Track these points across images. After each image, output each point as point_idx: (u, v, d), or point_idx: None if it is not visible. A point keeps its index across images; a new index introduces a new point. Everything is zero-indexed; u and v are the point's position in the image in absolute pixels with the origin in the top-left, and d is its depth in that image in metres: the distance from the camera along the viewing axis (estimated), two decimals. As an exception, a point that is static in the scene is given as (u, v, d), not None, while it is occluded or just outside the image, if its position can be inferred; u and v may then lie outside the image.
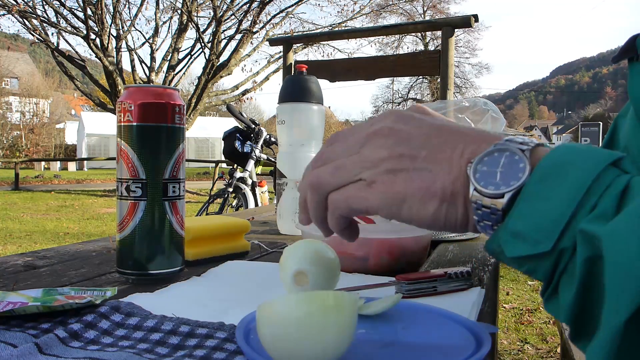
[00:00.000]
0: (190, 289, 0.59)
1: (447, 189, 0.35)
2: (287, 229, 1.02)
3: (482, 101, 1.07)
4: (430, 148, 0.36)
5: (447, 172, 0.35)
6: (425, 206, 0.36)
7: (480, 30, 30.90)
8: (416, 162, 0.36)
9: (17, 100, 28.40)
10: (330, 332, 0.34)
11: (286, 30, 11.69)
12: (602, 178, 0.30)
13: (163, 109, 0.61)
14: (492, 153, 0.34)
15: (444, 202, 0.35)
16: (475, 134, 0.37)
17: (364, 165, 0.37)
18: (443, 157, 0.36)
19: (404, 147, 0.37)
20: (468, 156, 0.35)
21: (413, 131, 0.37)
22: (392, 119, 0.39)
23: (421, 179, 0.36)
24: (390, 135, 0.37)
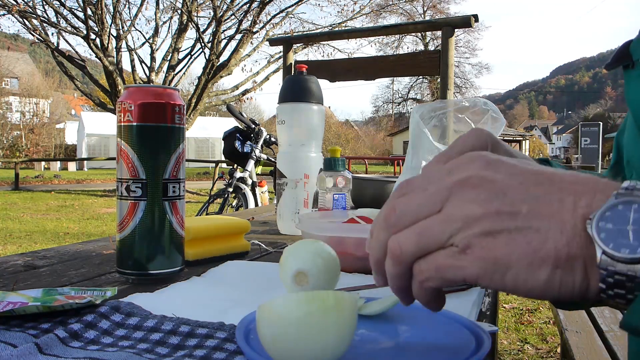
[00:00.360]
0: (190, 289, 0.59)
1: (562, 253, 0.29)
2: (287, 229, 1.02)
3: (482, 101, 1.07)
4: (533, 202, 0.30)
5: (558, 231, 0.29)
6: (535, 274, 0.29)
7: (480, 30, 30.93)
8: (517, 219, 0.30)
9: (17, 100, 28.41)
10: (330, 332, 0.34)
11: (286, 30, 11.70)
12: None
13: (163, 109, 0.61)
14: (616, 206, 0.28)
15: (558, 268, 0.29)
16: (584, 181, 0.30)
17: (453, 227, 0.31)
18: (550, 213, 0.29)
19: (500, 201, 0.30)
20: (583, 211, 0.29)
21: (507, 181, 0.31)
22: (479, 165, 0.32)
23: (527, 241, 0.29)
24: (480, 187, 0.31)
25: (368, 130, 40.66)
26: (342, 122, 37.81)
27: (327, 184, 0.97)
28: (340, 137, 28.13)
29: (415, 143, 1.05)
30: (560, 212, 0.29)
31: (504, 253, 0.29)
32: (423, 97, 31.58)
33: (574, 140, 42.11)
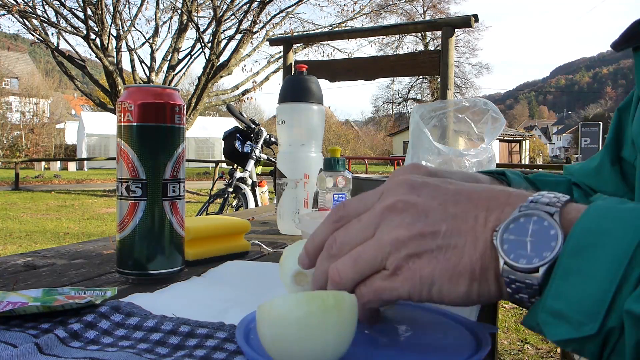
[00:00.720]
0: (190, 289, 0.59)
1: (476, 266, 0.33)
2: (287, 229, 1.02)
3: (482, 101, 1.07)
4: (451, 220, 0.33)
5: (473, 246, 0.33)
6: (456, 287, 0.33)
7: (480, 30, 30.94)
8: (438, 239, 0.33)
9: (17, 100, 28.41)
10: (330, 332, 0.34)
11: (286, 30, 11.70)
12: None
13: (163, 109, 0.61)
14: (518, 219, 0.31)
15: (474, 280, 0.33)
16: (496, 195, 0.34)
17: (384, 251, 0.34)
18: (466, 229, 0.33)
19: (423, 223, 0.34)
20: (492, 224, 0.33)
21: (428, 203, 0.34)
22: (403, 190, 0.35)
23: (446, 259, 0.33)
24: (405, 211, 0.34)
25: (368, 130, 40.66)
26: (342, 122, 37.82)
27: (327, 184, 0.97)
28: (340, 137, 28.15)
29: (415, 143, 1.05)
30: (474, 228, 0.33)
31: (428, 272, 0.33)
32: (423, 97, 31.59)
33: (574, 140, 42.12)
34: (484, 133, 1.05)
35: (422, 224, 0.34)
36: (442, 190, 0.35)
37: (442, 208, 0.34)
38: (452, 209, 0.34)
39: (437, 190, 0.35)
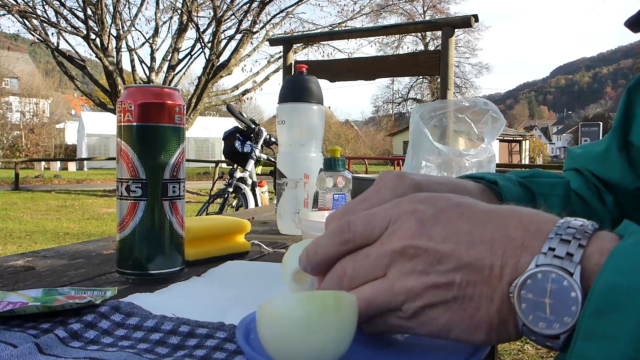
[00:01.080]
0: (190, 289, 0.59)
1: (494, 320, 0.32)
2: (287, 229, 1.02)
3: (482, 101, 1.07)
4: (465, 269, 0.32)
5: (489, 298, 0.32)
6: (474, 335, 0.33)
7: (480, 30, 30.94)
8: (453, 290, 0.32)
9: (17, 100, 28.41)
10: (330, 332, 0.34)
11: (286, 30, 11.70)
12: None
13: (163, 109, 0.61)
14: (536, 275, 0.30)
15: (492, 330, 0.32)
16: (511, 235, 0.32)
17: (398, 299, 0.34)
18: (482, 280, 0.32)
19: (436, 274, 0.33)
20: (509, 278, 0.31)
21: (440, 247, 0.33)
22: (413, 229, 0.34)
23: (463, 309, 0.32)
24: (416, 257, 0.33)
25: (368, 130, 40.64)
26: (342, 122, 37.80)
27: (327, 184, 0.97)
28: (340, 137, 28.14)
29: (415, 143, 1.05)
30: (489, 279, 0.32)
31: (444, 321, 0.33)
32: (423, 97, 31.59)
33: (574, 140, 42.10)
34: (484, 133, 1.05)
35: (436, 275, 0.33)
36: (453, 228, 0.33)
37: (455, 254, 0.33)
38: (466, 256, 0.32)
39: (448, 228, 0.33)
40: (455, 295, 0.32)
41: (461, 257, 0.32)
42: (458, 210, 0.35)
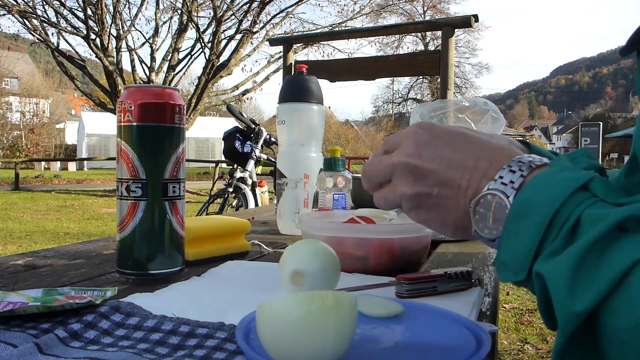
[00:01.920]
0: (190, 289, 0.59)
1: (458, 223, 0.45)
2: (287, 229, 1.02)
3: (482, 101, 1.07)
4: (442, 185, 0.44)
5: (455, 208, 0.44)
6: (444, 231, 0.47)
7: (480, 30, 30.89)
8: (431, 198, 0.45)
9: (17, 100, 28.39)
10: (330, 332, 0.34)
11: (286, 30, 11.69)
12: (562, 212, 0.35)
13: (163, 109, 0.61)
14: (486, 196, 0.41)
15: (458, 229, 0.45)
16: (479, 165, 0.43)
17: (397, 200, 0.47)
18: (452, 195, 0.44)
19: (420, 184, 0.45)
20: (471, 196, 0.43)
21: (426, 166, 0.44)
22: (410, 149, 0.46)
23: (437, 214, 0.45)
24: (409, 172, 0.45)
25: (368, 130, 40.60)
26: (342, 122, 37.74)
27: (327, 184, 0.97)
28: (340, 137, 28.11)
29: (415, 143, 1.05)
30: (457, 195, 0.44)
31: (424, 218, 0.47)
32: (423, 97, 31.55)
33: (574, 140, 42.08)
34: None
35: (421, 186, 0.45)
36: (439, 152, 0.45)
37: (436, 173, 0.44)
38: (444, 176, 0.44)
39: (436, 151, 0.45)
40: (433, 202, 0.45)
41: (440, 176, 0.44)
42: (447, 137, 0.45)
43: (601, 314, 0.31)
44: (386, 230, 0.69)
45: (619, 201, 0.34)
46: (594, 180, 0.36)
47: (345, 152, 24.68)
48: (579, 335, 0.32)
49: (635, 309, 0.29)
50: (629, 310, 0.29)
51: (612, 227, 0.32)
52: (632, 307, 0.29)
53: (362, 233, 0.69)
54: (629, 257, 0.30)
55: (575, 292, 0.31)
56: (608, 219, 0.32)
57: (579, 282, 0.31)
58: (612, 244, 0.32)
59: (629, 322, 0.29)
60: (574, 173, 0.37)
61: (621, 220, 0.32)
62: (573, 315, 0.31)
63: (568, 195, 0.35)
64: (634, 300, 0.29)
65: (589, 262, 0.31)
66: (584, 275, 0.31)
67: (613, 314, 0.30)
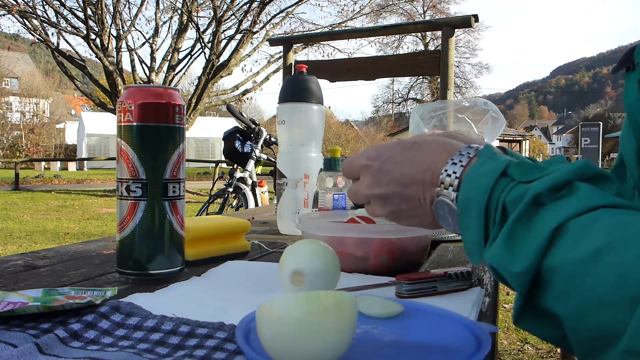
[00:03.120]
0: (190, 289, 0.59)
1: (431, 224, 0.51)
2: (287, 229, 1.02)
3: (482, 101, 1.07)
4: (406, 201, 0.51)
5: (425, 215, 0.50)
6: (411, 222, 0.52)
7: (480, 30, 30.87)
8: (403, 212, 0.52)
9: (17, 100, 28.38)
10: (330, 332, 0.34)
11: (286, 30, 11.69)
12: (492, 202, 0.41)
13: (163, 109, 0.61)
14: (438, 202, 0.47)
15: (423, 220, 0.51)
16: (425, 177, 0.49)
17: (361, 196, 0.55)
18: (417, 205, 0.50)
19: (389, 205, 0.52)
20: (429, 204, 0.49)
21: (388, 191, 0.51)
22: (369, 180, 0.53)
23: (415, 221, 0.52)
24: (376, 200, 0.53)
25: (368, 130, 40.57)
26: (342, 122, 37.72)
27: (327, 184, 0.97)
28: (340, 137, 28.10)
29: (415, 143, 1.05)
30: (420, 205, 0.50)
31: (405, 223, 0.53)
32: (423, 97, 31.53)
33: (574, 140, 42.04)
34: (484, 133, 1.05)
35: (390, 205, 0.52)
36: (392, 175, 0.51)
37: (397, 194, 0.51)
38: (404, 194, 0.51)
39: (389, 176, 0.51)
40: (407, 214, 0.52)
41: (401, 195, 0.50)
42: (392, 160, 0.51)
43: (543, 274, 0.36)
44: (386, 230, 0.69)
45: (532, 177, 0.40)
46: (510, 165, 0.42)
47: (345, 152, 24.60)
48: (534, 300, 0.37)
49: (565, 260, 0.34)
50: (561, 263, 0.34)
51: (528, 205, 0.38)
52: (563, 259, 0.34)
53: (362, 233, 0.69)
54: (549, 223, 0.36)
55: (512, 260, 0.37)
56: (524, 200, 0.38)
57: (513, 252, 0.37)
58: (531, 219, 0.37)
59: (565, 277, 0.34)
60: (494, 163, 0.43)
61: (534, 197, 0.38)
62: (514, 274, 0.36)
63: (492, 185, 0.41)
64: (562, 252, 0.35)
65: (518, 236, 0.37)
66: (515, 245, 0.37)
67: (550, 271, 0.35)
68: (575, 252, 0.34)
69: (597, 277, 0.32)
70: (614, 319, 0.30)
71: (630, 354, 0.29)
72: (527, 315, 0.38)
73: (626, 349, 0.29)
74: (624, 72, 0.56)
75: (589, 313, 0.32)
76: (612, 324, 0.30)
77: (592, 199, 0.36)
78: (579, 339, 0.34)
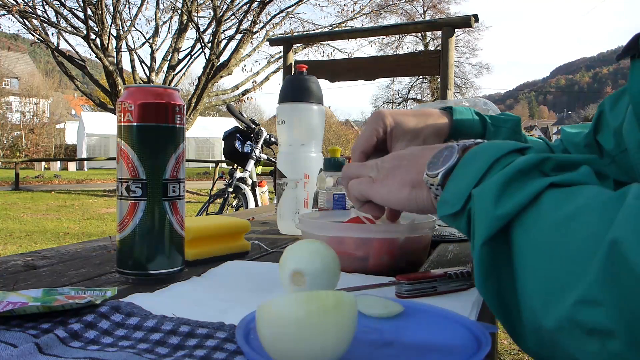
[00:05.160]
0: (190, 289, 0.59)
1: (415, 180, 0.51)
2: (287, 229, 1.02)
3: (482, 101, 1.07)
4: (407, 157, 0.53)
5: (416, 171, 0.51)
6: (401, 190, 0.52)
7: (480, 30, 30.82)
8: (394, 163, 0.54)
9: (17, 100, 28.39)
10: (330, 332, 0.34)
11: (286, 30, 11.69)
12: (502, 160, 0.42)
13: (163, 109, 0.61)
14: (442, 150, 0.48)
15: (414, 187, 0.51)
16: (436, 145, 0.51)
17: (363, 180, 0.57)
18: (413, 160, 0.52)
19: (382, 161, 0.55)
20: (428, 158, 0.49)
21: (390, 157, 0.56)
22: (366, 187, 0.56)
23: (398, 174, 0.53)
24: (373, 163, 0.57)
25: (368, 130, 40.42)
26: (342, 122, 37.73)
27: (327, 184, 0.97)
28: (340, 137, 28.11)
29: (415, 143, 1.05)
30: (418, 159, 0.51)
31: (385, 181, 0.54)
32: (423, 97, 31.51)
33: (574, 140, 41.91)
34: (484, 133, 1.05)
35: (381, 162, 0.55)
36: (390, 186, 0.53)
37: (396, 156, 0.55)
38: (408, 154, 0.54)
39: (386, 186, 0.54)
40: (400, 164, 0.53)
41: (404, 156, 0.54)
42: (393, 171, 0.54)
43: (514, 229, 0.37)
44: (386, 230, 0.69)
45: None
46: (531, 149, 0.44)
47: (345, 152, 24.58)
48: (497, 253, 0.38)
49: (541, 222, 0.36)
50: (537, 223, 0.36)
51: (535, 162, 0.39)
52: (540, 217, 0.36)
53: (362, 233, 0.69)
54: (544, 182, 0.38)
55: (498, 202, 0.38)
56: (533, 157, 0.40)
57: (503, 195, 0.38)
58: (532, 177, 0.39)
59: (536, 236, 0.36)
60: (515, 143, 0.45)
61: (541, 159, 0.40)
62: (493, 217, 0.38)
63: (510, 150, 0.43)
64: (542, 212, 0.36)
65: (513, 185, 0.39)
66: (508, 191, 0.38)
67: (524, 227, 0.37)
68: (554, 212, 0.35)
69: (568, 234, 0.33)
70: (572, 271, 0.32)
71: (583, 303, 0.31)
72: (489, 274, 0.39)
73: (579, 299, 0.31)
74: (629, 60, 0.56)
75: (552, 265, 0.34)
76: (569, 275, 0.32)
77: (587, 177, 0.38)
78: (528, 294, 0.35)
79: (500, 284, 0.38)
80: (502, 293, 0.38)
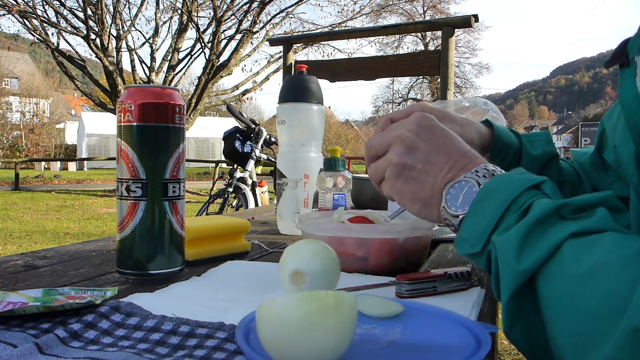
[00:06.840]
0: (190, 289, 0.59)
1: (428, 200, 0.52)
2: (287, 229, 1.02)
3: (482, 101, 1.08)
4: (426, 164, 0.51)
5: (430, 187, 0.51)
6: (412, 205, 0.53)
7: (480, 30, 30.82)
8: (413, 171, 0.52)
9: (17, 100, 28.39)
10: (330, 332, 0.34)
11: (286, 30, 11.69)
12: (519, 200, 0.43)
13: (163, 109, 0.61)
14: (461, 182, 0.48)
15: (425, 206, 0.52)
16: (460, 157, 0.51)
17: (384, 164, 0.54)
18: (432, 173, 0.51)
19: (409, 157, 0.52)
20: (447, 180, 0.50)
21: (420, 145, 0.52)
22: (412, 126, 0.53)
23: (412, 187, 0.52)
24: (403, 145, 0.52)
25: (368, 130, 40.57)
26: (342, 122, 37.72)
27: (327, 184, 0.97)
28: (340, 137, 28.11)
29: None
30: (436, 177, 0.51)
31: (398, 189, 0.53)
32: (423, 97, 31.50)
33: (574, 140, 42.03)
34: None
35: (408, 157, 0.52)
36: (435, 138, 0.52)
37: (426, 153, 0.52)
38: (432, 157, 0.52)
39: (432, 137, 0.53)
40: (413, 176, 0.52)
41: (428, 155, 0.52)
42: (443, 131, 0.53)
43: (538, 281, 0.38)
44: (386, 230, 0.69)
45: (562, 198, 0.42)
46: (545, 182, 0.44)
47: (345, 152, 24.62)
48: (523, 302, 0.39)
49: (564, 275, 0.36)
50: (560, 276, 0.36)
51: (553, 209, 0.40)
52: (563, 270, 0.36)
53: (362, 233, 0.69)
54: (563, 232, 0.38)
55: (520, 256, 0.39)
56: (551, 203, 0.40)
57: (525, 248, 0.39)
58: (552, 224, 0.39)
59: (559, 289, 0.36)
60: (530, 176, 0.45)
61: (559, 206, 0.40)
62: (517, 272, 0.38)
63: (525, 188, 0.43)
64: (565, 265, 0.36)
65: (534, 235, 0.39)
66: (529, 243, 0.39)
67: (548, 280, 0.37)
68: (576, 266, 0.36)
69: (590, 290, 0.34)
70: (597, 329, 0.33)
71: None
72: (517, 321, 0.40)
73: (608, 356, 0.31)
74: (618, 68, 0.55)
75: (578, 319, 0.34)
76: (596, 334, 0.33)
77: (605, 223, 0.39)
78: (559, 345, 0.36)
79: (529, 328, 0.39)
80: (532, 337, 0.39)
